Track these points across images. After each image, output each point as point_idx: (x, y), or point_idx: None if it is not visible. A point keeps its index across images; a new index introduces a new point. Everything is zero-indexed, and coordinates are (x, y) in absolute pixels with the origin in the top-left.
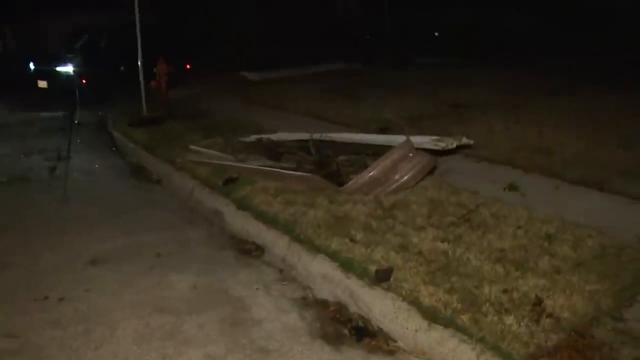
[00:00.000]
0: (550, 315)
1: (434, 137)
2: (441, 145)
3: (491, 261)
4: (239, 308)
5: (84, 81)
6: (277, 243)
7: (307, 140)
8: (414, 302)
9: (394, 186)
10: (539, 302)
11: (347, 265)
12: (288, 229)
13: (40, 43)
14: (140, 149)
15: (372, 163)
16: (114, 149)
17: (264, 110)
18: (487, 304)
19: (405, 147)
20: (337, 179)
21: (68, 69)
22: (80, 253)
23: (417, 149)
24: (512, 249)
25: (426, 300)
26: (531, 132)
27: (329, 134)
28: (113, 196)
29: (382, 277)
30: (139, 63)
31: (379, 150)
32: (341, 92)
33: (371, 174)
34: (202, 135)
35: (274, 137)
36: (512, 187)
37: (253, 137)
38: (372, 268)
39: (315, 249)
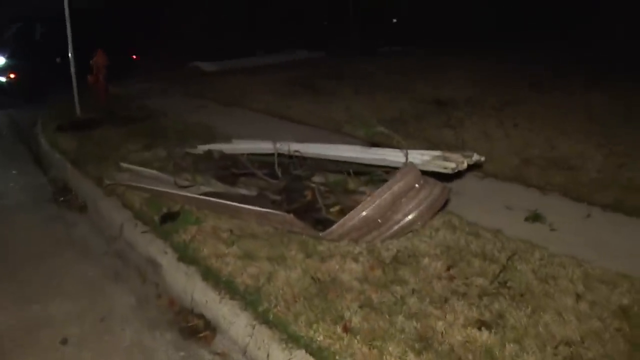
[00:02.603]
0: None
1: (436, 153)
2: (450, 166)
3: None
4: None
5: (12, 76)
6: (234, 323)
7: (270, 154)
8: None
9: (394, 229)
10: None
11: None
12: (250, 300)
13: None
14: (66, 163)
15: (357, 187)
16: (37, 161)
17: (219, 109)
18: None
19: (410, 173)
20: (314, 214)
21: None
22: None
23: (423, 173)
24: (582, 339)
25: None
26: (536, 138)
27: (299, 148)
28: (21, 235)
29: None
30: (70, 54)
31: (364, 169)
32: (306, 85)
33: (363, 214)
34: (142, 144)
35: (228, 148)
36: (536, 217)
37: (202, 149)
38: None
39: (292, 339)
